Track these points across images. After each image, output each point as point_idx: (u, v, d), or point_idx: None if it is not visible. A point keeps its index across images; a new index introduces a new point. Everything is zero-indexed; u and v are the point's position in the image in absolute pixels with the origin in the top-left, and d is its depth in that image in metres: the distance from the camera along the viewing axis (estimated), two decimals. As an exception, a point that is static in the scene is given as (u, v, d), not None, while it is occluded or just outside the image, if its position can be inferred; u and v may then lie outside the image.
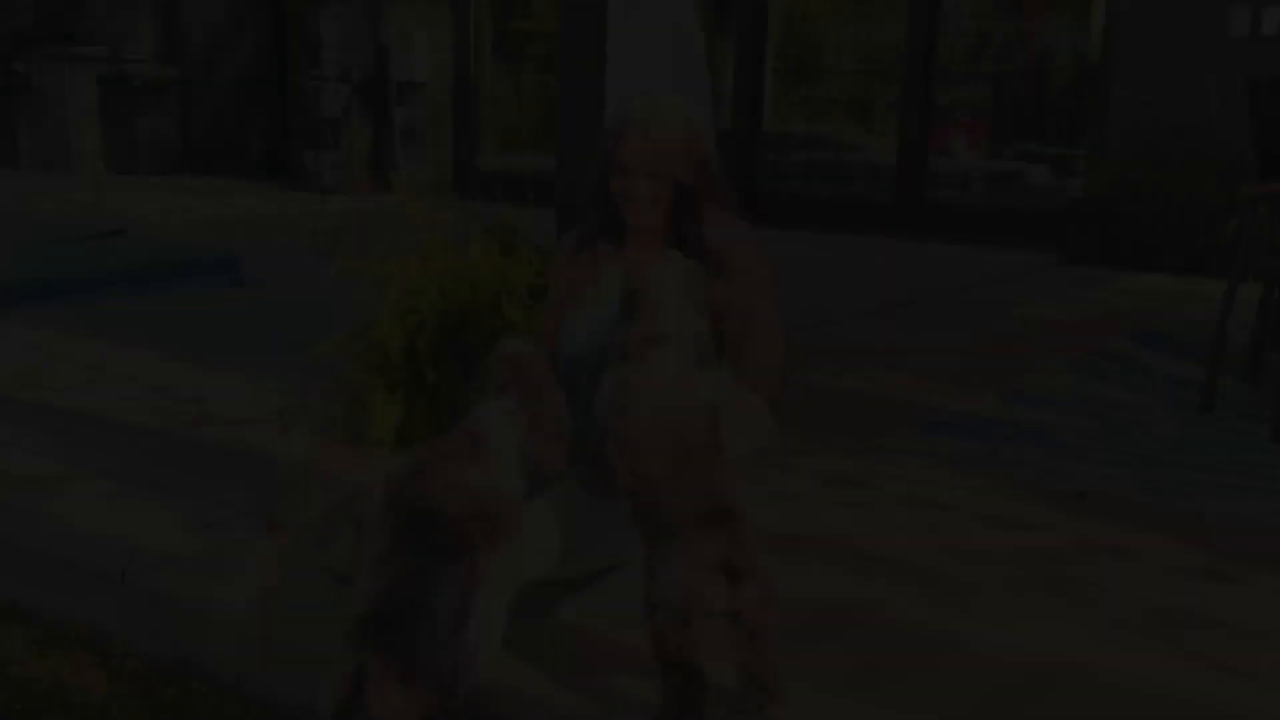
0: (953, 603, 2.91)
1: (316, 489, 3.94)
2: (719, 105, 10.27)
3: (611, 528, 2.96)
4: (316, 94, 4.89)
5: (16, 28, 13.95)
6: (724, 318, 2.91)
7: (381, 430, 3.90)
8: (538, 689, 3.03)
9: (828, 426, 4.35)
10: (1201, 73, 7.81)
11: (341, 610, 2.47)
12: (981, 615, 2.84)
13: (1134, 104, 8.10)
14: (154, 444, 4.39)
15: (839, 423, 4.39)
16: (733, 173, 4.19)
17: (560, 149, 4.18)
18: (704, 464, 2.68)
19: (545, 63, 12.41)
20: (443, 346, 3.90)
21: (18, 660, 3.42)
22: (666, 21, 4.01)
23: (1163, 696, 2.54)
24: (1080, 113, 9.72)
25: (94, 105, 13.57)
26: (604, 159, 3.08)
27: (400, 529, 2.44)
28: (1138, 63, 8.27)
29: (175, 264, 7.17)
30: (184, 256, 7.40)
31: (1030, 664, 2.68)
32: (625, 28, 3.92)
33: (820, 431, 4.28)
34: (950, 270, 7.91)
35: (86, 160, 13.61)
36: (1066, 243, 8.12)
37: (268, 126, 13.75)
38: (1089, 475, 3.84)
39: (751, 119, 10.72)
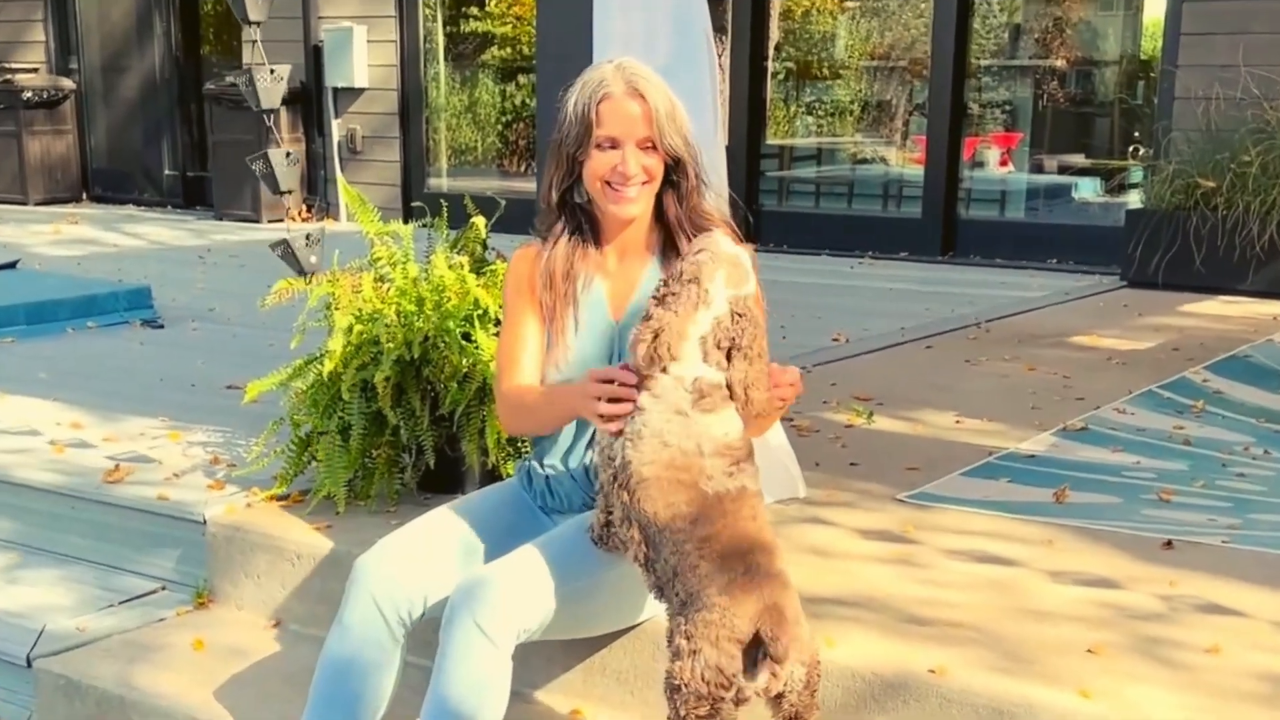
0: (1025, 670, 2.87)
1: (254, 555, 3.89)
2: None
3: (626, 586, 2.91)
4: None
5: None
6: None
7: (332, 484, 3.86)
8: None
9: (861, 473, 4.32)
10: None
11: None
12: (1060, 683, 2.80)
13: (1202, 99, 8.14)
14: (60, 506, 4.33)
15: (874, 468, 4.36)
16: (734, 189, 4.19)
17: (540, 166, 4.16)
18: (731, 521, 2.61)
19: (506, 68, 12.44)
20: (404, 382, 3.87)
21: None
22: (667, 17, 3.99)
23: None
24: (1138, 113, 9.77)
25: (-24, 123, 13.57)
26: (578, 134, 2.96)
27: None
28: (1204, 51, 8.32)
29: (79, 299, 7.14)
30: (89, 291, 7.37)
31: (1122, 738, 2.64)
32: (615, 23, 3.90)
33: (852, 478, 4.25)
34: (993, 295, 7.92)
35: (-33, 186, 13.60)
36: (1128, 263, 8.12)
37: (181, 146, 13.74)
38: (1175, 522, 3.82)
39: (752, 129, 10.72)
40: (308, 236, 4.79)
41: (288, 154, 4.88)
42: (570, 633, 3.03)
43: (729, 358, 2.66)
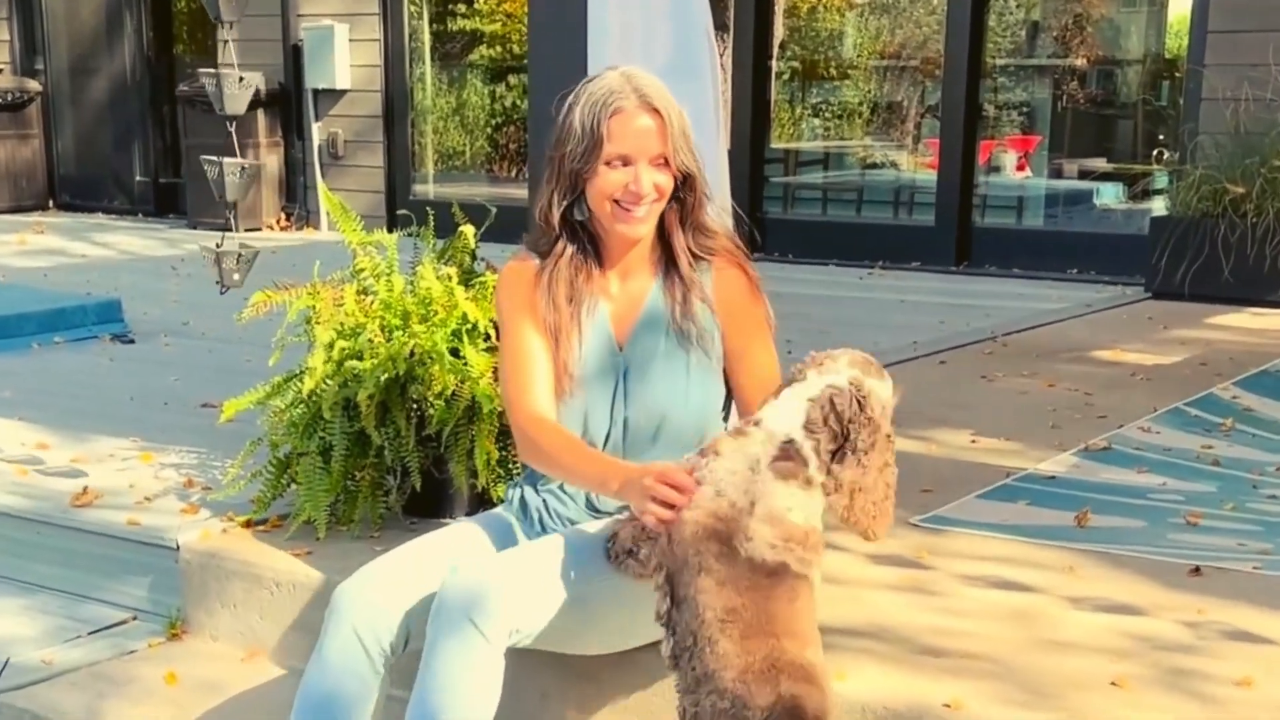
0: (1045, 703, 2.87)
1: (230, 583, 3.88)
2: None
3: (627, 596, 2.89)
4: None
5: None
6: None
7: (312, 507, 3.85)
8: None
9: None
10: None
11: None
12: (1083, 718, 2.80)
13: (1230, 100, 8.15)
14: (25, 531, 4.33)
15: (885, 490, 4.35)
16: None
17: (531, 173, 4.17)
18: (761, 598, 2.57)
19: (496, 68, 12.45)
20: (388, 400, 3.86)
21: None
22: (666, 14, 4.00)
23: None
24: (1162, 115, 9.78)
25: (-66, 127, 13.59)
26: (585, 150, 2.94)
27: None
28: (1232, 50, 8.33)
29: (46, 313, 7.15)
30: (57, 304, 7.38)
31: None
32: (611, 21, 3.91)
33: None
34: (1010, 307, 7.92)
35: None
36: (1152, 273, 8.13)
37: (153, 151, 13.74)
38: (1202, 546, 3.81)
39: (755, 133, 10.72)
40: (239, 255, 4.81)
41: (243, 167, 4.89)
42: (566, 642, 2.98)
43: (837, 456, 2.66)
